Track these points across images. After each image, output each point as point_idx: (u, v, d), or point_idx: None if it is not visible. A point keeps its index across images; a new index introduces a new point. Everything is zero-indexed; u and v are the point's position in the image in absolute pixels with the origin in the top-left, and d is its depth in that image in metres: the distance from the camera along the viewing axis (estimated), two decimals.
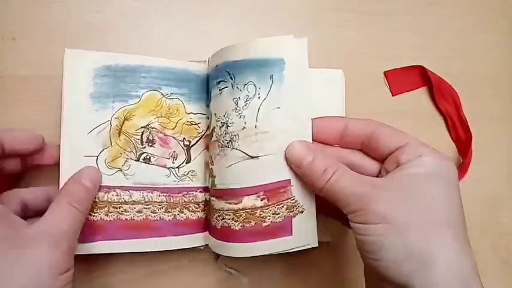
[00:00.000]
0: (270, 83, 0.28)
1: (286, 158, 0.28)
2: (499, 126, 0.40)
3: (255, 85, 0.29)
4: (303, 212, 0.28)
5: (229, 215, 0.29)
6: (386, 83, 0.39)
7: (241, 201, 0.28)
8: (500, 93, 0.41)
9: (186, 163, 0.32)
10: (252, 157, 0.28)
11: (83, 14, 0.35)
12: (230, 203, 0.29)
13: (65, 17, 0.35)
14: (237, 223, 0.29)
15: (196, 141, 0.33)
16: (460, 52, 0.40)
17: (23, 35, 0.34)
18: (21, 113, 0.33)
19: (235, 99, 0.29)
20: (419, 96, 0.40)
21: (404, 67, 0.39)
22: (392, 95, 0.39)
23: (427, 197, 0.24)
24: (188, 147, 0.33)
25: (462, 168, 0.38)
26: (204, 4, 0.37)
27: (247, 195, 0.28)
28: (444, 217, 0.24)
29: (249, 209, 0.28)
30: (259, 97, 0.28)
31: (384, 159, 0.28)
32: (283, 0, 0.39)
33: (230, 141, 0.29)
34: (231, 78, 0.29)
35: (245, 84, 0.29)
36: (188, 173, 0.32)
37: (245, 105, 0.29)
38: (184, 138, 0.33)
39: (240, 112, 0.29)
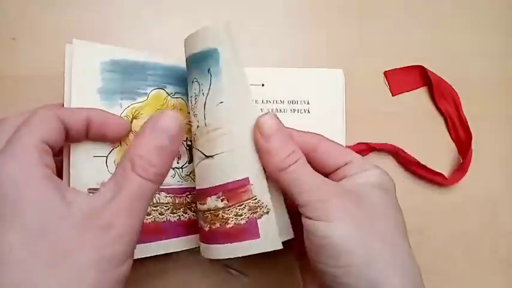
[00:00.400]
0: (209, 77, 0.27)
1: (255, 128, 0.26)
2: (499, 126, 0.40)
3: (198, 82, 0.28)
4: (268, 212, 0.26)
5: (200, 215, 0.28)
6: (386, 83, 0.39)
7: (206, 202, 0.27)
8: (500, 93, 0.41)
9: (188, 163, 0.32)
10: (208, 156, 0.27)
11: (83, 14, 0.35)
12: (200, 204, 0.28)
13: (65, 17, 0.35)
14: (205, 224, 0.28)
15: None
16: (460, 52, 0.40)
17: (23, 35, 0.34)
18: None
19: (190, 98, 0.29)
20: (419, 96, 0.40)
21: (404, 67, 0.39)
22: (393, 95, 0.39)
23: (376, 202, 0.25)
24: (190, 148, 0.33)
25: (462, 168, 0.38)
26: (204, 4, 0.37)
27: (209, 196, 0.27)
28: (393, 220, 0.25)
29: (213, 210, 0.27)
30: (203, 93, 0.27)
31: (328, 174, 0.27)
32: (284, 1, 0.39)
33: (193, 141, 0.29)
34: (186, 78, 0.29)
35: (192, 82, 0.28)
36: (190, 173, 0.32)
37: (195, 103, 0.28)
38: (187, 139, 0.33)
39: (194, 111, 0.28)
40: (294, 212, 0.26)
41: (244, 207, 0.26)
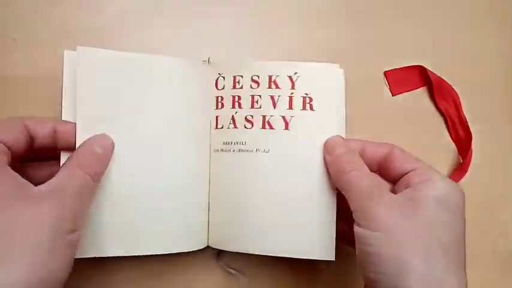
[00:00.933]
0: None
1: (323, 150, 0.30)
2: (499, 127, 0.40)
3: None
4: None
5: None
6: (386, 83, 0.39)
7: None
8: (500, 93, 0.40)
9: None
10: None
11: (83, 14, 0.35)
12: None
13: (65, 17, 0.35)
14: None
15: None
16: (460, 52, 0.40)
17: (23, 35, 0.34)
18: (21, 113, 0.33)
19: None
20: (419, 96, 0.40)
21: (404, 67, 0.39)
22: (393, 95, 0.39)
23: (431, 218, 0.25)
24: None
25: (462, 168, 0.38)
26: (204, 4, 0.37)
27: None
28: (444, 241, 0.24)
29: None
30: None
31: (396, 181, 0.29)
32: (284, 1, 0.39)
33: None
34: None
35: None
36: None
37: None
38: None
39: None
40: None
41: None
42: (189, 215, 0.31)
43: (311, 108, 0.32)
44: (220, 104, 0.33)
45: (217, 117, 0.33)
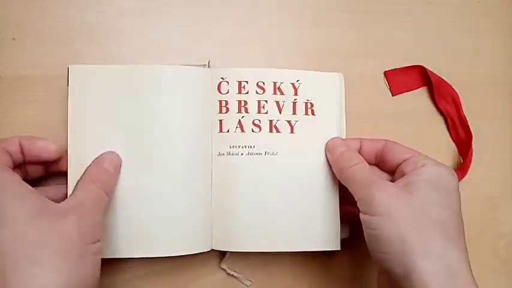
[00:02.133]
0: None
1: (325, 150, 0.33)
2: (499, 126, 0.40)
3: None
4: None
5: None
6: (386, 83, 0.39)
7: None
8: (500, 93, 0.41)
9: None
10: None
11: (83, 14, 0.35)
12: None
13: (65, 17, 0.35)
14: None
15: None
16: (460, 52, 0.40)
17: (23, 35, 0.34)
18: (21, 113, 0.33)
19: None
20: (419, 96, 0.40)
21: (404, 67, 0.39)
22: (393, 95, 0.39)
23: (424, 199, 0.27)
24: None
25: (463, 168, 0.38)
26: (204, 4, 0.37)
27: None
28: (439, 219, 0.27)
29: None
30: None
31: (393, 172, 0.31)
32: (284, 1, 0.39)
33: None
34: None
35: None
36: None
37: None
38: None
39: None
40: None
41: None
42: (190, 218, 0.32)
43: (312, 113, 0.34)
44: (224, 108, 0.33)
45: (220, 121, 0.33)
